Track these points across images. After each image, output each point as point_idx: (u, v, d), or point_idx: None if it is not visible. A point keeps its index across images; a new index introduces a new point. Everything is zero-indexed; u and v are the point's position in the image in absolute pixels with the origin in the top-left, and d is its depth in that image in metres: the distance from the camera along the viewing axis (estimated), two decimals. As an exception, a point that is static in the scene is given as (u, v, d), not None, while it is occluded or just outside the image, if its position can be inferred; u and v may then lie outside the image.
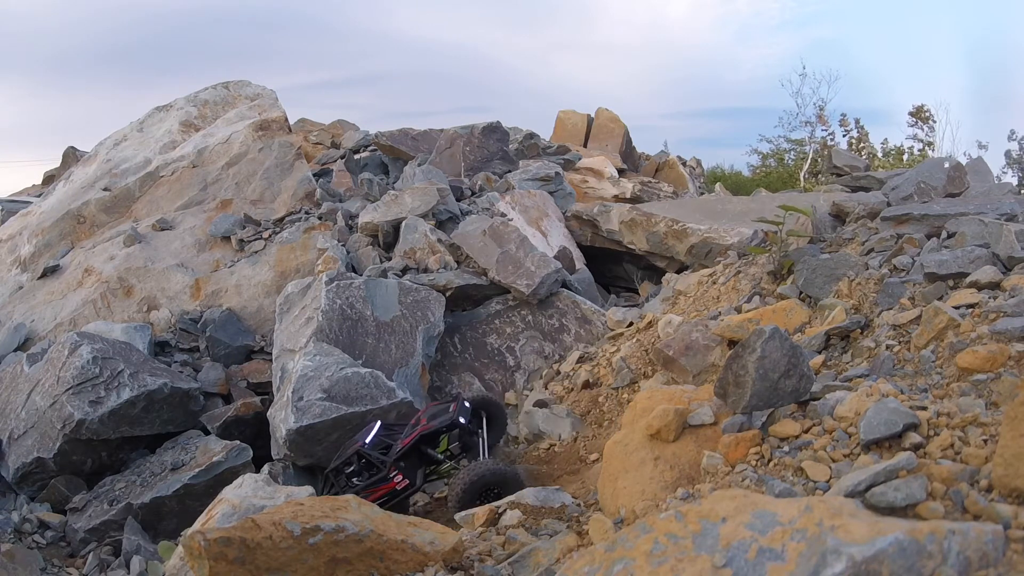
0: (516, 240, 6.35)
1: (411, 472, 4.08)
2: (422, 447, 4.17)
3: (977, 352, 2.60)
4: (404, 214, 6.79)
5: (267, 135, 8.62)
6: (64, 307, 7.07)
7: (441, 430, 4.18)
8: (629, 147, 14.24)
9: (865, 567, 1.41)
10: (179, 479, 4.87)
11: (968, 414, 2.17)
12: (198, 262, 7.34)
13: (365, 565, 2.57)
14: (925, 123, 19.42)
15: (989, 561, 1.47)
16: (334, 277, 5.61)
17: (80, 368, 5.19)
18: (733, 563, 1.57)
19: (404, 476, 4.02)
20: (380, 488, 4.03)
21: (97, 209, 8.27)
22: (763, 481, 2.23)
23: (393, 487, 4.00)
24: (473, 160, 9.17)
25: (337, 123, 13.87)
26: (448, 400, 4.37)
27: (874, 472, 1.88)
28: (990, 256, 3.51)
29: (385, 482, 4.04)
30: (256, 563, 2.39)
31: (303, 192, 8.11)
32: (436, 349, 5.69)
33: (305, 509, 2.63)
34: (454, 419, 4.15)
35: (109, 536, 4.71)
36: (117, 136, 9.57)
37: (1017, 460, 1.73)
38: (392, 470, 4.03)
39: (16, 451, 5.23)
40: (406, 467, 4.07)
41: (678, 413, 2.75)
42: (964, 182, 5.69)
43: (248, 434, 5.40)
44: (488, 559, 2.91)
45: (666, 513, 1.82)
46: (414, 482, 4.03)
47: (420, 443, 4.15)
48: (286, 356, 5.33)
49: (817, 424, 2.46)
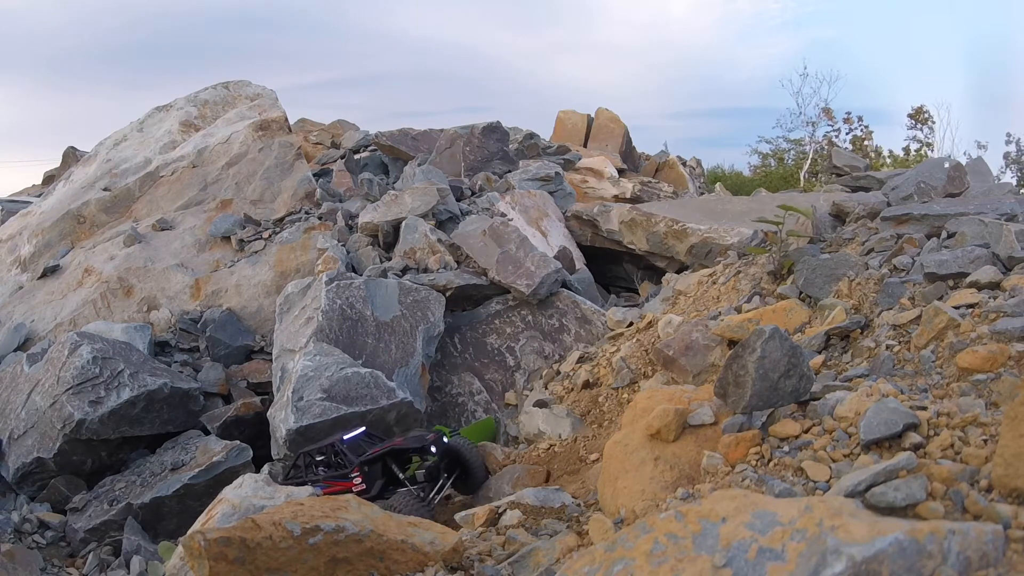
0: (516, 240, 6.35)
1: (371, 480, 4.16)
2: (389, 461, 4.23)
3: (977, 352, 2.60)
4: (404, 214, 6.79)
5: (267, 135, 8.62)
6: (64, 307, 7.07)
7: (410, 451, 4.24)
8: (629, 147, 14.24)
9: (865, 567, 1.41)
10: (179, 479, 4.87)
11: (968, 414, 2.17)
12: (198, 262, 7.34)
13: (365, 565, 2.57)
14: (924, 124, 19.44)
15: (989, 561, 1.47)
16: (334, 277, 5.61)
17: (80, 368, 5.19)
18: (733, 563, 1.57)
19: (364, 481, 4.11)
20: (338, 484, 4.12)
21: (97, 209, 8.27)
22: (763, 481, 2.23)
23: (350, 487, 4.07)
24: (473, 160, 9.18)
25: (337, 123, 13.87)
26: (432, 432, 4.42)
27: (874, 472, 1.88)
28: (990, 256, 3.51)
29: (344, 480, 4.13)
30: (256, 563, 2.39)
31: (303, 192, 8.11)
32: (436, 349, 5.70)
33: (305, 509, 2.63)
34: (425, 445, 4.21)
35: (109, 536, 4.72)
36: (117, 136, 9.57)
37: (1017, 460, 1.73)
38: (355, 471, 4.11)
39: (16, 451, 5.23)
40: (369, 473, 4.16)
41: (678, 413, 2.75)
42: (964, 182, 5.69)
43: (248, 434, 5.40)
44: (488, 559, 2.91)
45: (666, 513, 1.82)
46: (370, 490, 4.10)
47: (389, 456, 4.22)
48: (286, 356, 5.33)
49: (817, 424, 2.46)
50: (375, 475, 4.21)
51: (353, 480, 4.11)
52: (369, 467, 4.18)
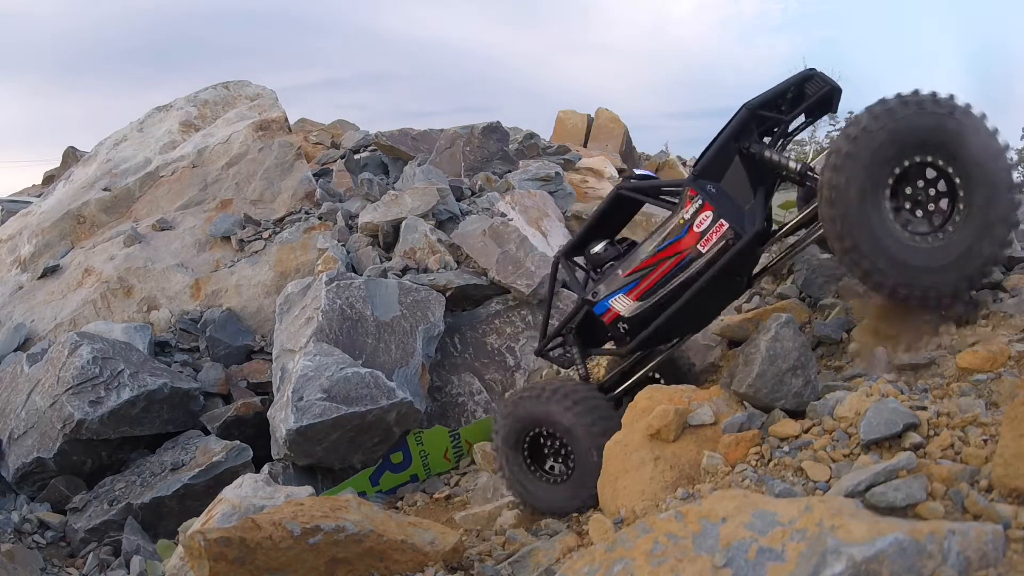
0: (516, 240, 6.34)
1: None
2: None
3: (977, 352, 2.61)
4: (404, 214, 6.79)
5: (267, 135, 8.61)
6: (64, 307, 7.06)
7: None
8: (629, 147, 14.24)
9: (865, 567, 1.41)
10: (179, 479, 4.87)
11: (968, 414, 2.17)
12: (198, 262, 7.33)
13: (365, 565, 2.57)
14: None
15: (989, 561, 1.47)
16: (334, 277, 5.61)
17: (80, 368, 5.19)
18: (733, 563, 1.57)
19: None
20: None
21: (97, 209, 8.27)
22: (763, 481, 2.23)
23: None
24: (473, 160, 9.17)
25: (337, 123, 13.86)
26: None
27: (874, 472, 1.88)
28: (990, 256, 3.50)
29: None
30: (256, 563, 2.39)
31: (303, 192, 8.10)
32: (436, 349, 5.69)
33: (305, 509, 2.63)
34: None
35: (109, 536, 4.71)
36: (117, 136, 9.56)
37: (1017, 460, 1.73)
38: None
39: (16, 451, 5.23)
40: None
41: (678, 413, 2.75)
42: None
43: (248, 434, 5.40)
44: (488, 559, 2.92)
45: (666, 513, 1.82)
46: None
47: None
48: (286, 356, 5.33)
49: (817, 424, 2.46)
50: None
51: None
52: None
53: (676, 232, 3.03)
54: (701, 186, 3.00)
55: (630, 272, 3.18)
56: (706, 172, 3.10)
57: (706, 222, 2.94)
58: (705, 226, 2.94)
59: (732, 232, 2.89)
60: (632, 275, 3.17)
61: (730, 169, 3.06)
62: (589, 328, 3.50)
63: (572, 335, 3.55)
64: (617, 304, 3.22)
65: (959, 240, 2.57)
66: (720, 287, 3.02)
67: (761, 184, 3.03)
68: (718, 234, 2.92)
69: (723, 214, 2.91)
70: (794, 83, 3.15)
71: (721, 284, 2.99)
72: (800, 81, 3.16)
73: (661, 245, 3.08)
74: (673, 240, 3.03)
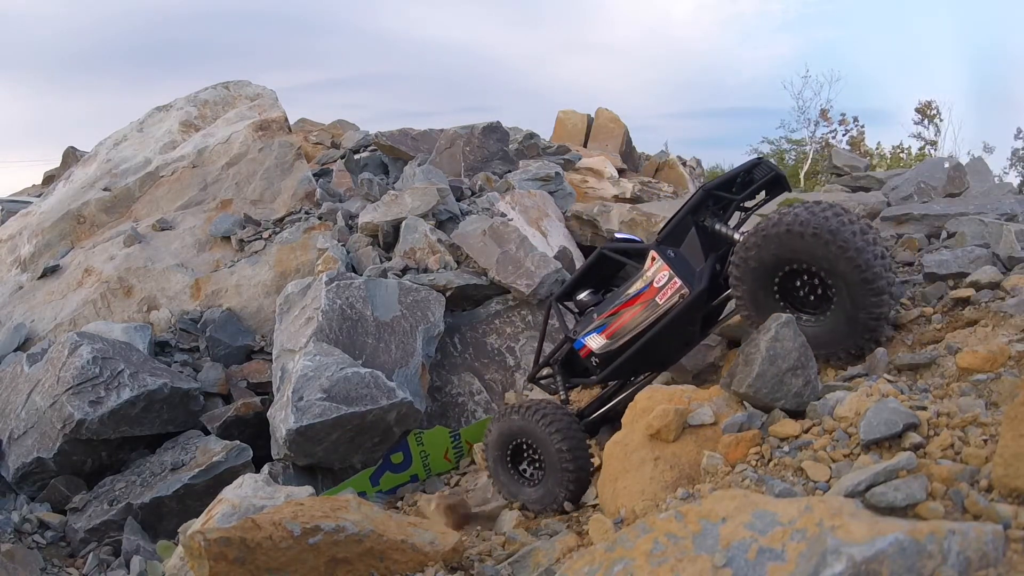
0: (516, 240, 6.35)
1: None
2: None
3: (977, 352, 2.61)
4: (404, 214, 6.79)
5: (267, 135, 8.61)
6: (64, 307, 7.07)
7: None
8: (629, 147, 14.25)
9: (865, 567, 1.41)
10: (179, 479, 4.87)
11: (968, 414, 2.17)
12: (198, 262, 7.34)
13: (365, 565, 2.57)
14: (931, 121, 19.44)
15: (989, 561, 1.47)
16: (334, 277, 5.61)
17: (80, 368, 5.19)
18: (733, 563, 1.57)
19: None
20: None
21: (97, 209, 8.27)
22: (763, 481, 2.23)
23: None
24: (473, 160, 9.17)
25: (337, 123, 13.86)
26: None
27: (874, 472, 1.88)
28: (990, 256, 3.51)
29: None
30: (256, 563, 2.39)
31: (303, 192, 8.10)
32: (436, 349, 5.69)
33: (305, 509, 2.63)
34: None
35: (109, 536, 4.72)
36: (117, 136, 9.56)
37: (1017, 460, 1.73)
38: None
39: (16, 451, 5.23)
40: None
41: (678, 413, 2.75)
42: (964, 182, 5.70)
43: (248, 434, 5.40)
44: (488, 559, 2.92)
45: (666, 513, 1.82)
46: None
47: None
48: (286, 356, 5.33)
49: (817, 424, 2.46)
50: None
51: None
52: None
53: (640, 286, 3.65)
54: (662, 251, 3.62)
55: (604, 316, 3.79)
56: (667, 239, 3.71)
57: (663, 280, 3.54)
58: (663, 283, 3.55)
59: (685, 289, 3.45)
60: (605, 318, 3.78)
61: (687, 238, 3.66)
62: (571, 361, 4.12)
63: (557, 366, 4.18)
64: (591, 341, 3.83)
65: (837, 318, 3.02)
66: (674, 333, 3.61)
67: (713, 250, 3.58)
68: (672, 290, 3.50)
69: (677, 274, 3.50)
70: (744, 169, 3.69)
71: (675, 331, 3.58)
72: (749, 168, 3.69)
73: (629, 295, 3.70)
74: (637, 292, 3.66)
